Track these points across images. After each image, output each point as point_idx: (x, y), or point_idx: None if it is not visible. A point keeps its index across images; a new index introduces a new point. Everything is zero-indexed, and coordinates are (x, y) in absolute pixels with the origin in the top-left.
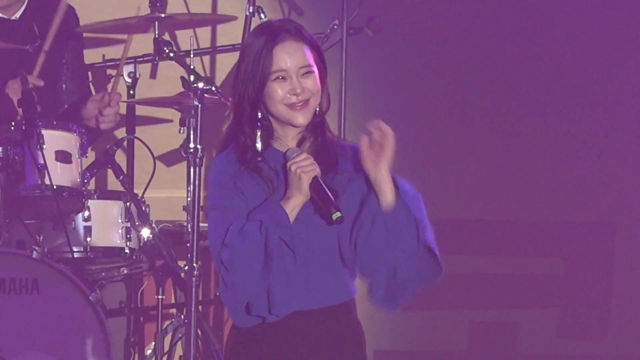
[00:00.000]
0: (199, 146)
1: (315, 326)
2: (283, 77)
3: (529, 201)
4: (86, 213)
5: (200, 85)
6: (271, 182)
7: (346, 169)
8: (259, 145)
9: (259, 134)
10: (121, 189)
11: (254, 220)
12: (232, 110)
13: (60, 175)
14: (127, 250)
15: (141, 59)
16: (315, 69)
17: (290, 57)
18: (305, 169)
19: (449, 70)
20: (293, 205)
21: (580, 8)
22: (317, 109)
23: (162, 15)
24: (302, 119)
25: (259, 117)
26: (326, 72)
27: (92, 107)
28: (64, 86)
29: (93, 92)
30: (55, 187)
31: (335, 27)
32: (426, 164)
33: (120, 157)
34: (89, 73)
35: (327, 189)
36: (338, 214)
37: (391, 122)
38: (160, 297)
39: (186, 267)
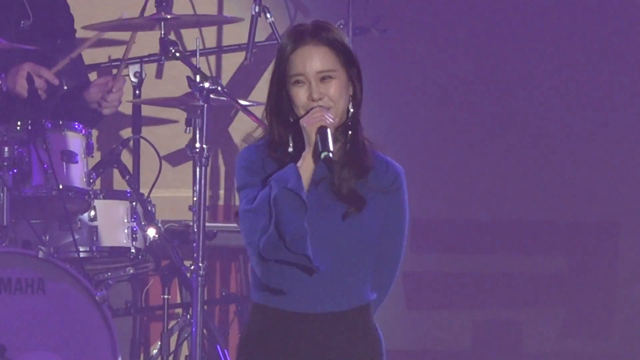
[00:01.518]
0: (204, 146)
1: (325, 330)
2: (302, 82)
3: (532, 201)
4: (92, 213)
5: (206, 85)
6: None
7: (374, 184)
8: (290, 149)
9: (290, 136)
10: (127, 188)
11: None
12: (265, 109)
13: (66, 175)
14: (133, 250)
15: (147, 59)
16: (338, 74)
17: (307, 61)
18: (312, 120)
19: (454, 70)
20: (304, 159)
21: (582, 9)
22: (350, 111)
23: (168, 16)
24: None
25: (290, 118)
26: (358, 73)
27: (95, 91)
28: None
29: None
30: (61, 187)
31: (341, 26)
32: (430, 163)
33: (126, 157)
34: (95, 73)
35: (329, 138)
36: (325, 153)
37: (396, 121)
38: (166, 296)
39: (192, 267)
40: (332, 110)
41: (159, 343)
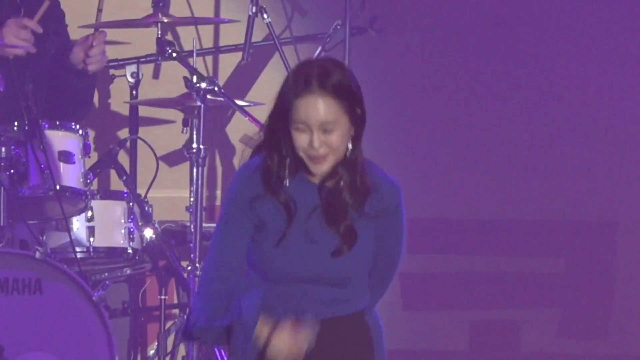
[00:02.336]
0: (201, 146)
1: (317, 335)
2: (303, 129)
3: (530, 200)
4: (89, 213)
5: (203, 85)
6: (289, 209)
7: (370, 210)
8: (286, 182)
9: (287, 162)
10: (124, 189)
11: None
12: (264, 132)
13: (63, 175)
14: (129, 251)
15: (144, 59)
16: (340, 123)
17: (311, 111)
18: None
19: (452, 70)
20: None
21: (580, 9)
22: (349, 149)
23: (165, 19)
24: (319, 171)
25: (290, 150)
26: (362, 114)
27: (78, 50)
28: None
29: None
30: (58, 187)
31: (338, 27)
32: (428, 163)
33: (123, 158)
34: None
35: None
36: None
37: (393, 121)
38: (163, 297)
39: (189, 268)
40: (330, 155)
41: (156, 344)
